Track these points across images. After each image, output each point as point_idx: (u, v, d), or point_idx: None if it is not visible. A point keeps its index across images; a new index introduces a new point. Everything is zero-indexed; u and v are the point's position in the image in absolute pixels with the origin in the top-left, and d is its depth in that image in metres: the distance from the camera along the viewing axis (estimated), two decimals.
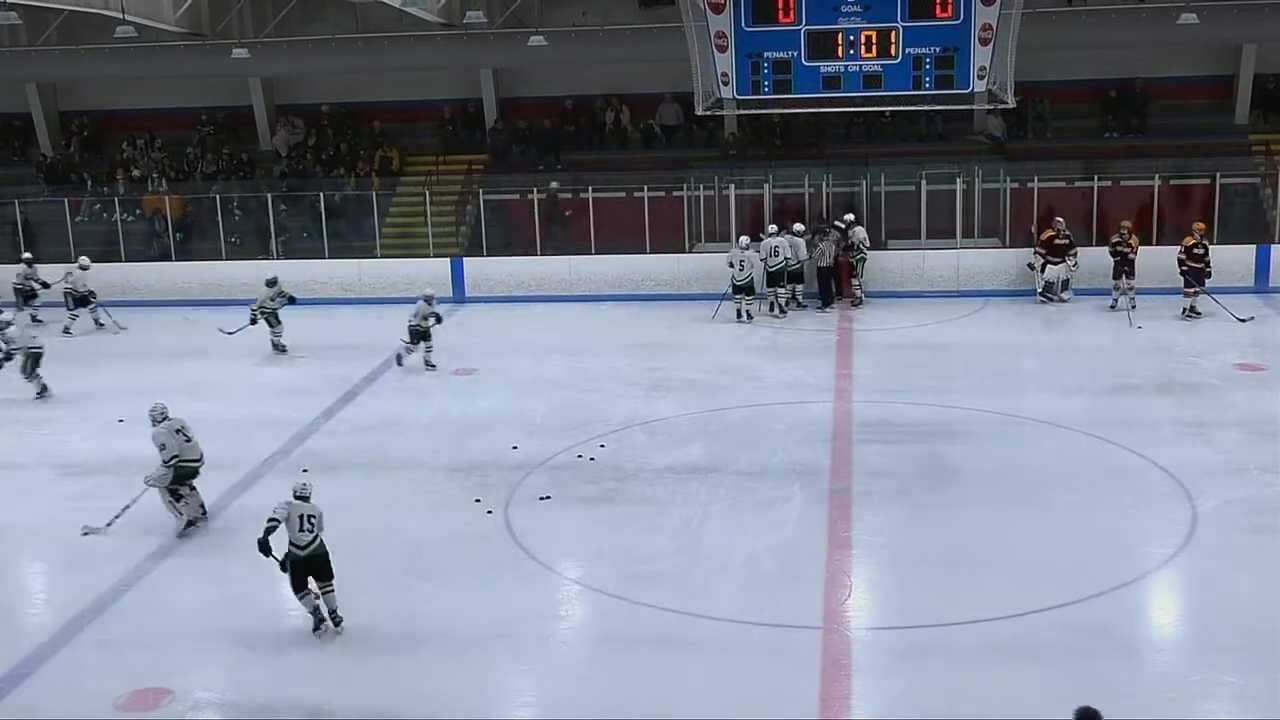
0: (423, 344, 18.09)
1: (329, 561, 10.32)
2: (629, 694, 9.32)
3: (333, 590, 10.31)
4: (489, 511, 12.73)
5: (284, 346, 19.48)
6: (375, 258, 23.88)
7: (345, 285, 23.42)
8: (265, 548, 10.16)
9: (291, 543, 10.23)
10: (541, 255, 23.21)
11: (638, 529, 12.29)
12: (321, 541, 10.29)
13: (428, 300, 18.12)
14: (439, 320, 18.23)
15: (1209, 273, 19.47)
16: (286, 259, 23.86)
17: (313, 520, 10.29)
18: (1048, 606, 10.22)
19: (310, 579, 10.24)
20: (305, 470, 14.10)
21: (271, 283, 19.34)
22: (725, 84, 16.12)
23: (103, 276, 23.84)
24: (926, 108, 21.23)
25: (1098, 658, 9.50)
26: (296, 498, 10.40)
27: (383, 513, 12.93)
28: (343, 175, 25.49)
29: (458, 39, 23.81)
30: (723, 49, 15.94)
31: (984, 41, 15.48)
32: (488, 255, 23.46)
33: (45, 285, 22.02)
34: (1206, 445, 13.95)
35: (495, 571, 11.44)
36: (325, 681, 9.68)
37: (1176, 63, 24.07)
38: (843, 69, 15.84)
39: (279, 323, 19.50)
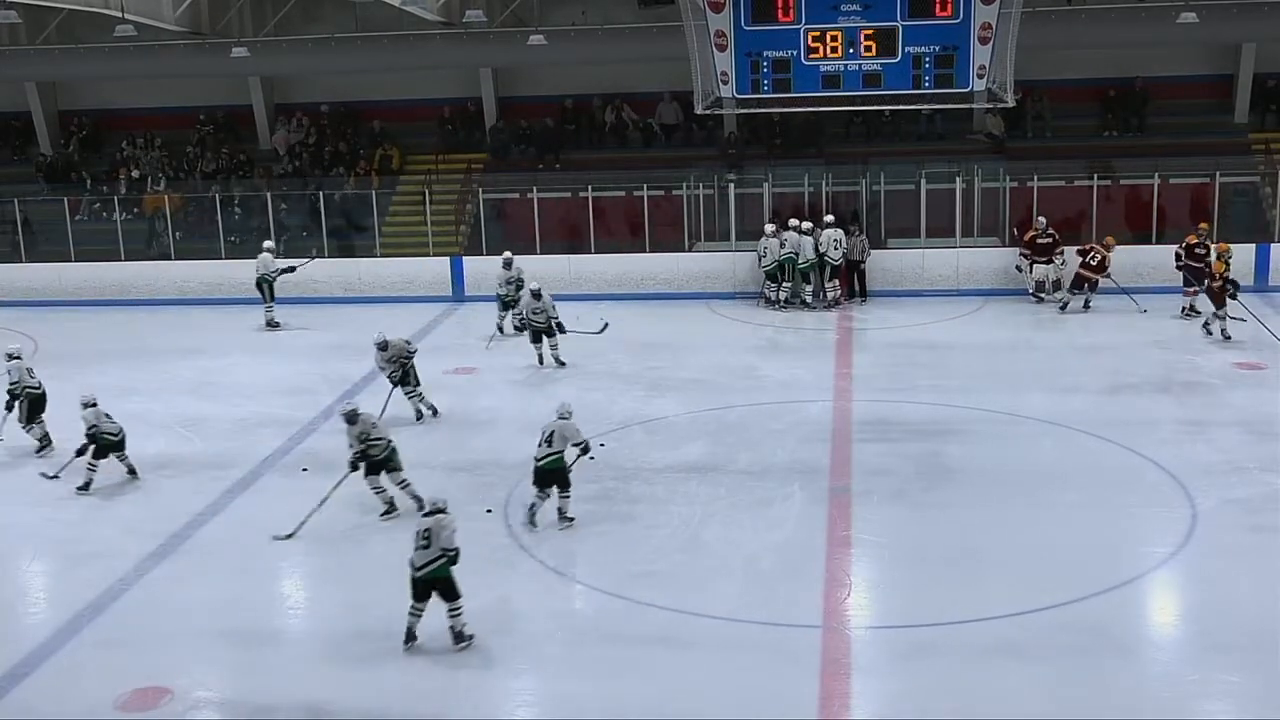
0: (545, 340, 17.83)
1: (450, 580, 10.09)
2: (628, 693, 9.33)
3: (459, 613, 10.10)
4: (489, 510, 12.71)
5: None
6: (375, 257, 23.89)
7: (345, 284, 23.41)
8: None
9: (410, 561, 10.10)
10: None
11: (637, 528, 12.30)
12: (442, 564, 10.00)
13: (506, 264, 18.39)
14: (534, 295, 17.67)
15: (1210, 272, 19.44)
16: (286, 258, 23.96)
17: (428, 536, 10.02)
18: (1047, 606, 10.23)
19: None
20: (305, 470, 14.12)
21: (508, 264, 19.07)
22: (725, 83, 16.10)
23: (102, 276, 23.99)
24: (926, 107, 21.27)
25: (1097, 657, 9.51)
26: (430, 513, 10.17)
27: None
28: (343, 174, 25.51)
29: (457, 38, 23.80)
30: (722, 48, 15.93)
31: (983, 40, 15.47)
32: (487, 254, 23.45)
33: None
34: (1206, 445, 13.95)
35: (495, 571, 11.44)
36: (325, 681, 9.68)
37: (1176, 62, 24.08)
38: (842, 68, 15.82)
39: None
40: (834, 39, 15.67)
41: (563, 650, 10.18)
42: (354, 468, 12.54)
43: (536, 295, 17.55)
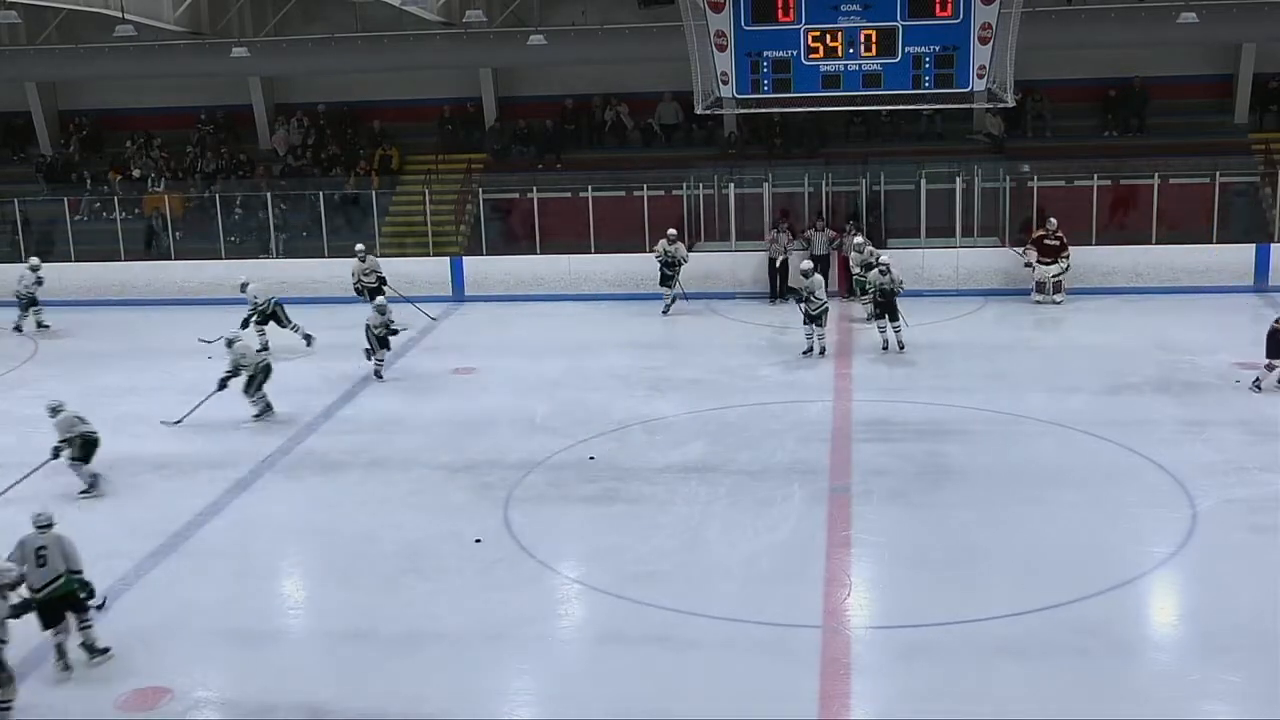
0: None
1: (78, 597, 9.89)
2: (629, 693, 9.33)
3: (90, 625, 10.01)
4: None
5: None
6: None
7: (345, 285, 23.32)
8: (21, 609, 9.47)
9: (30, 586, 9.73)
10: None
11: (638, 528, 12.29)
12: (66, 579, 9.82)
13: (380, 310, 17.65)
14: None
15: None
16: (287, 258, 23.97)
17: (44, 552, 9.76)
18: (1047, 606, 10.23)
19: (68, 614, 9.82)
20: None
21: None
22: (725, 83, 16.11)
23: (102, 276, 24.00)
24: (926, 107, 21.27)
25: (1097, 657, 9.51)
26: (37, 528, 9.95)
27: (382, 512, 12.94)
28: (342, 174, 25.50)
29: (457, 38, 23.81)
30: (722, 48, 15.94)
31: (983, 40, 15.49)
32: (487, 254, 23.47)
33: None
34: (1206, 445, 13.95)
35: (495, 571, 11.44)
36: (325, 681, 9.68)
37: (1176, 62, 24.08)
38: (842, 68, 15.84)
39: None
40: (834, 39, 15.69)
41: (563, 650, 10.19)
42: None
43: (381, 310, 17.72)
